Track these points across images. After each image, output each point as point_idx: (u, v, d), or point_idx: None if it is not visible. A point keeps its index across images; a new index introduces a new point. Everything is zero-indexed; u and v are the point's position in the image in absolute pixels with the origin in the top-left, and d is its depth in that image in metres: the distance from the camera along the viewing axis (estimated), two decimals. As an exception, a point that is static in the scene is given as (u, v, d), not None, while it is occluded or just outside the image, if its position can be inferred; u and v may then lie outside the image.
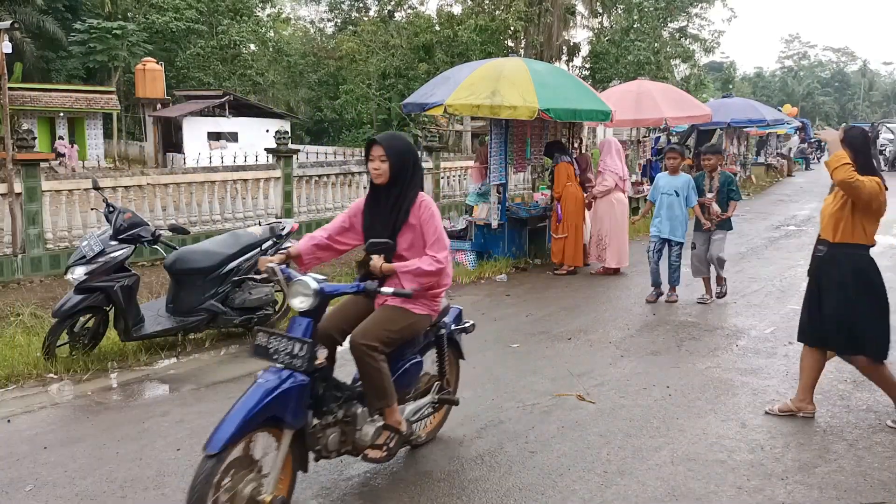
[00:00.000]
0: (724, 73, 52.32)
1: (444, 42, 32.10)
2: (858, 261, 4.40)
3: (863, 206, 4.25)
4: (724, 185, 7.49)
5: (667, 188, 7.63)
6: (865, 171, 4.20)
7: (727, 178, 7.56)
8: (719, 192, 7.48)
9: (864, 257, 4.42)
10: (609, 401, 4.99)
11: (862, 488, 3.80)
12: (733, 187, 7.55)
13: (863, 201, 4.22)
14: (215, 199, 11.75)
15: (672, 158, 7.69)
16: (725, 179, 7.54)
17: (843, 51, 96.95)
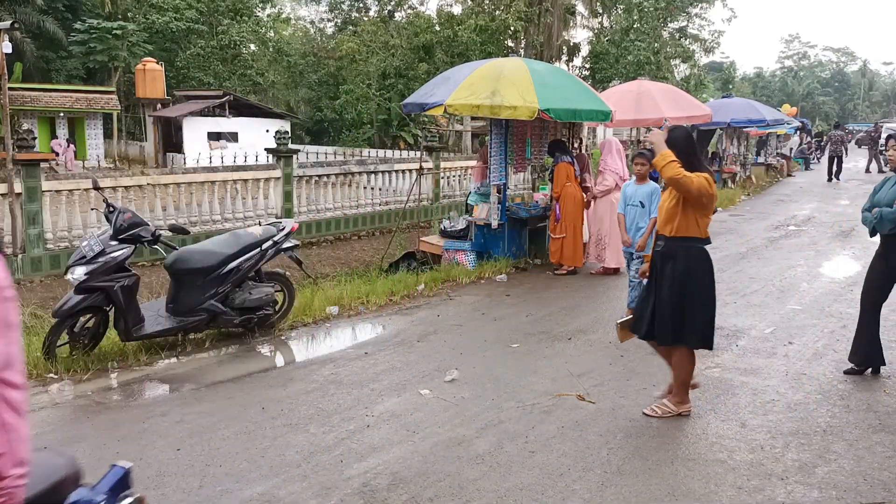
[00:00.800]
0: (724, 73, 52.30)
1: (444, 42, 32.09)
2: (694, 253, 4.57)
3: (694, 201, 4.43)
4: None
5: (633, 199, 7.02)
6: (691, 169, 4.40)
7: (652, 190, 6.73)
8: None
9: (699, 250, 4.59)
10: (609, 401, 5.00)
11: (862, 488, 3.80)
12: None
13: (693, 196, 4.40)
14: (215, 199, 11.75)
15: (640, 164, 6.92)
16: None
17: (843, 51, 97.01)
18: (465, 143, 31.30)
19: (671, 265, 4.55)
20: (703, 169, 4.46)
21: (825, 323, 6.98)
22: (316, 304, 7.33)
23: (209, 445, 4.28)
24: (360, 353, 6.10)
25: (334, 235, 13.21)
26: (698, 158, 4.51)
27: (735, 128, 19.88)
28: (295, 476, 3.91)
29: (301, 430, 4.51)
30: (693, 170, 4.40)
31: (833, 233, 12.80)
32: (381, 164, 14.94)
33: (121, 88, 33.79)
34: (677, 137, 4.52)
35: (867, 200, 5.50)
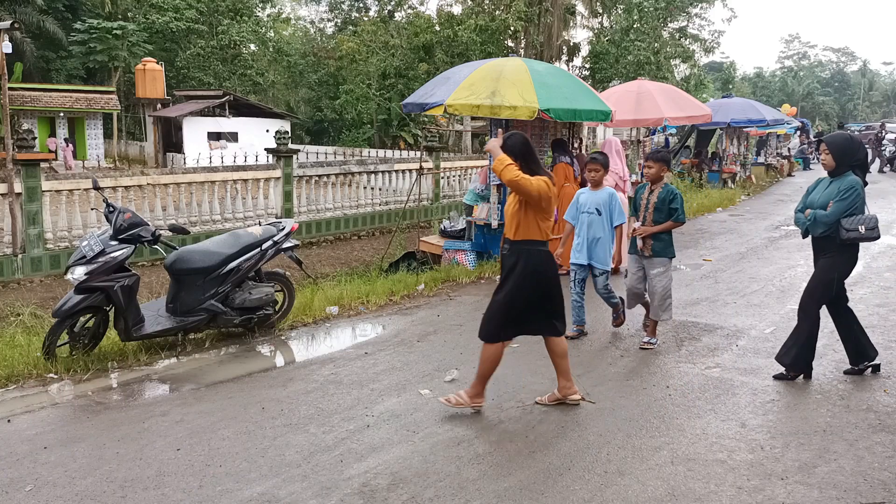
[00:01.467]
0: (724, 73, 52.32)
1: (444, 42, 32.10)
2: (536, 255, 4.61)
3: (535, 203, 4.50)
4: (664, 203, 6.01)
5: (587, 206, 6.44)
6: (530, 173, 4.49)
7: (669, 194, 6.01)
8: (657, 210, 6.03)
9: (541, 252, 4.64)
10: (609, 401, 5.00)
11: (862, 488, 3.80)
12: (676, 206, 5.98)
13: (534, 199, 4.47)
14: (215, 199, 11.75)
15: (594, 171, 6.45)
16: (667, 196, 6.01)
17: (843, 51, 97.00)
18: (465, 143, 31.32)
19: (518, 267, 4.59)
20: (541, 172, 4.52)
21: (825, 323, 6.94)
22: (316, 304, 7.33)
23: (209, 445, 4.28)
24: (360, 353, 6.10)
25: (334, 235, 13.21)
26: (536, 162, 4.57)
27: (735, 128, 19.88)
28: (295, 476, 3.91)
29: (301, 430, 4.51)
30: (532, 174, 4.47)
31: (833, 233, 12.78)
32: (381, 164, 14.95)
33: (121, 88, 33.80)
34: (514, 143, 4.56)
35: (800, 201, 5.45)
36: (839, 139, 5.28)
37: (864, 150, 5.36)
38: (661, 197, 5.99)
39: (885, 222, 14.08)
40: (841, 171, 5.16)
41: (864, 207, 5.14)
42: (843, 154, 5.14)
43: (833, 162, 5.17)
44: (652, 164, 6.04)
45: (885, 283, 8.76)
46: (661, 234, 6.02)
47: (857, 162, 5.19)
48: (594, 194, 6.48)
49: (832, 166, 5.20)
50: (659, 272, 6.05)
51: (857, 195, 5.07)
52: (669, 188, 6.04)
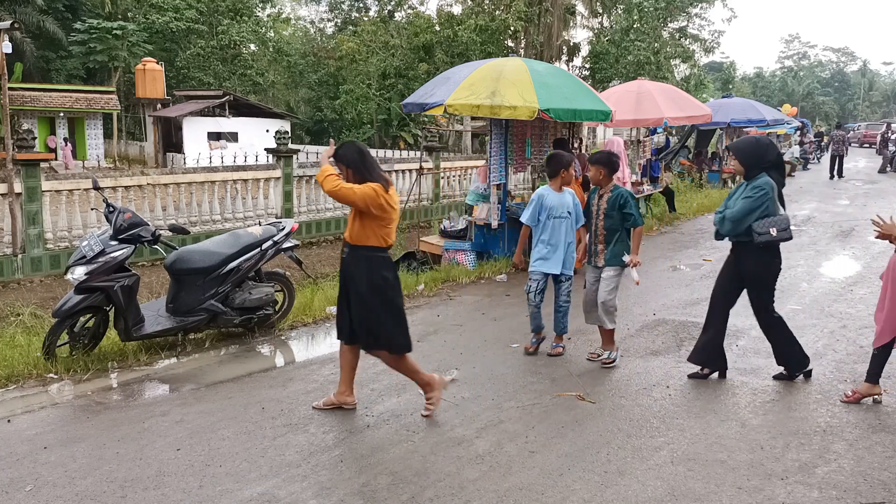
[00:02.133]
0: (724, 73, 52.36)
1: (444, 42, 32.11)
2: (374, 262, 4.57)
3: (364, 211, 4.44)
4: (614, 208, 5.59)
5: (558, 209, 5.88)
6: (362, 180, 4.44)
7: (619, 198, 5.58)
8: (607, 216, 5.61)
9: (378, 258, 4.58)
10: (609, 401, 5.00)
11: (862, 488, 3.80)
12: (629, 210, 5.56)
13: (359, 206, 4.42)
14: (215, 199, 11.75)
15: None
16: (616, 199, 5.58)
17: (843, 51, 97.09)
18: (465, 143, 31.32)
19: (357, 273, 4.55)
20: (374, 179, 4.44)
21: (825, 323, 6.98)
22: (316, 304, 7.33)
23: (209, 445, 4.28)
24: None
25: (334, 235, 13.21)
26: (369, 170, 4.49)
27: (735, 128, 19.87)
28: (295, 476, 3.91)
29: (301, 430, 4.51)
30: (363, 181, 4.42)
31: (833, 233, 12.80)
32: (381, 164, 14.92)
33: (121, 88, 33.81)
34: (346, 152, 4.51)
35: (722, 204, 5.41)
36: (744, 143, 5.29)
37: (775, 152, 5.27)
38: (611, 202, 5.60)
39: (885, 222, 14.07)
40: (753, 173, 5.13)
41: (775, 208, 5.10)
42: (749, 157, 5.14)
43: (741, 166, 5.20)
44: (590, 168, 5.70)
45: (885, 283, 8.75)
46: (615, 243, 5.61)
47: (767, 164, 5.14)
48: (561, 196, 5.95)
49: (741, 170, 5.22)
50: (607, 278, 5.69)
51: (763, 194, 5.03)
52: (619, 191, 5.61)
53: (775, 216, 5.08)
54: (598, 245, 5.73)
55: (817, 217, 14.94)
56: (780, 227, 5.05)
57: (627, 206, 5.56)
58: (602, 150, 5.53)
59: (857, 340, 6.41)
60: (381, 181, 4.48)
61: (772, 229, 5.02)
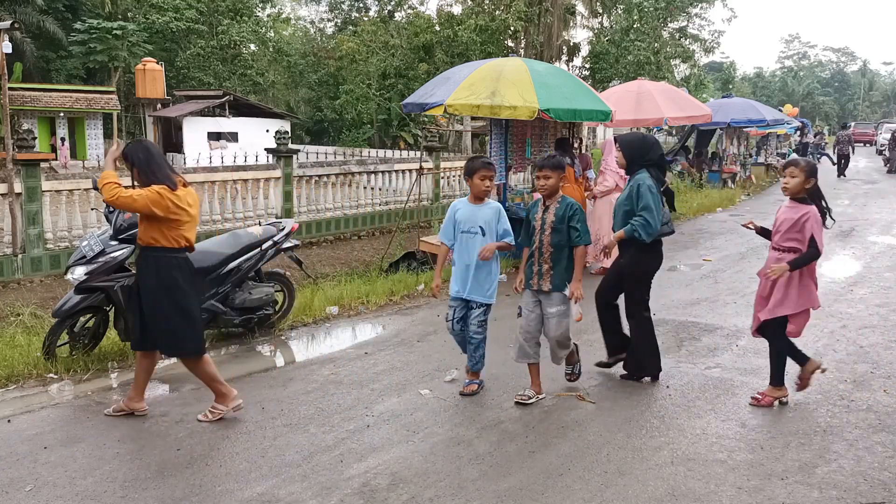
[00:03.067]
0: (724, 73, 52.39)
1: (444, 42, 32.12)
2: (163, 262, 4.47)
3: (149, 215, 4.32)
4: (564, 222, 4.78)
5: (467, 223, 5.04)
6: (147, 182, 4.31)
7: (569, 210, 4.80)
8: (554, 231, 4.79)
9: (169, 259, 4.48)
10: (609, 401, 5.00)
11: (862, 488, 3.80)
12: (577, 224, 4.77)
13: (144, 211, 4.30)
14: (215, 199, 11.75)
15: (484, 178, 5.02)
16: (566, 212, 4.79)
17: (843, 51, 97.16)
18: (465, 143, 31.32)
19: (147, 274, 4.47)
20: (160, 181, 4.31)
21: (825, 323, 6.98)
22: (316, 304, 7.33)
23: (209, 445, 4.28)
24: (360, 353, 6.10)
25: (334, 235, 13.21)
26: (154, 171, 4.33)
27: (735, 128, 19.87)
28: (295, 476, 3.91)
29: (301, 430, 4.51)
30: (148, 183, 4.29)
31: (833, 233, 12.79)
32: (381, 164, 14.95)
33: (121, 88, 33.83)
34: (132, 151, 4.36)
35: (620, 211, 5.33)
36: (630, 138, 5.24)
37: (658, 149, 5.24)
38: (560, 214, 4.77)
39: (886, 222, 14.09)
40: (633, 169, 5.13)
41: (656, 201, 5.07)
42: (634, 152, 5.13)
43: (624, 160, 5.19)
44: (549, 174, 4.83)
45: (885, 283, 8.76)
46: (563, 264, 4.81)
47: (648, 161, 5.12)
48: (476, 209, 5.05)
49: (624, 165, 5.23)
50: (558, 311, 4.84)
51: (649, 186, 5.02)
52: (568, 202, 4.83)
53: None
54: (542, 265, 4.82)
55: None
56: (664, 220, 5.11)
57: (576, 219, 4.77)
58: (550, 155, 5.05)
59: (857, 340, 6.41)
60: (167, 182, 4.33)
61: None
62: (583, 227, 4.78)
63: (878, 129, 33.62)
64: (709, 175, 20.20)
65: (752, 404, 4.91)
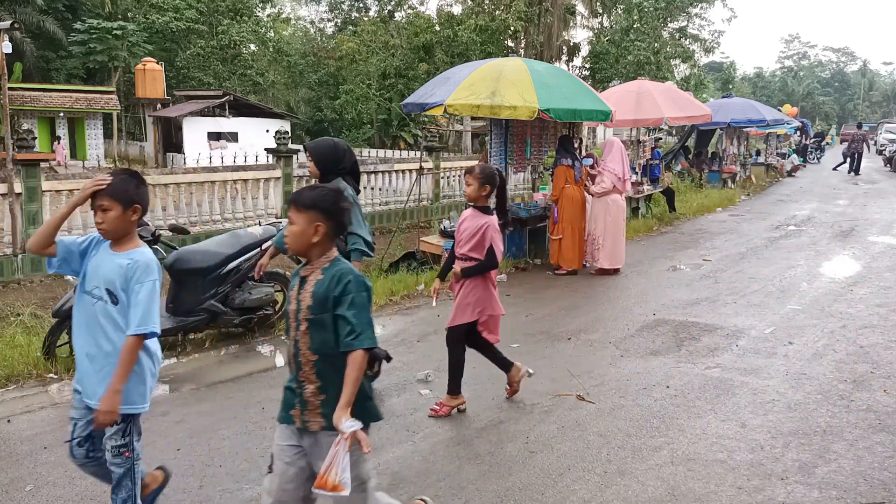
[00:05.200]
0: (724, 73, 52.36)
1: (444, 42, 32.11)
2: None
3: None
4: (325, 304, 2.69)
5: (93, 282, 3.12)
6: None
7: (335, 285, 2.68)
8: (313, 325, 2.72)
9: None
10: (609, 401, 5.00)
11: (862, 488, 3.80)
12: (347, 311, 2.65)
13: None
14: (215, 199, 11.76)
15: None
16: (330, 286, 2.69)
17: (843, 51, 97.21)
18: (465, 143, 31.33)
19: None
20: None
21: (825, 323, 6.98)
22: (316, 304, 7.31)
23: (209, 445, 4.28)
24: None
25: (334, 235, 13.20)
26: None
27: (735, 128, 19.88)
28: (295, 476, 3.90)
29: (301, 430, 4.50)
30: None
31: (833, 233, 12.80)
32: (381, 164, 14.95)
33: (121, 88, 33.81)
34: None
35: None
36: (321, 145, 4.87)
37: (351, 156, 4.89)
38: (319, 294, 2.67)
39: (886, 222, 14.09)
40: (327, 178, 4.75)
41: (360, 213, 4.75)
42: (326, 160, 4.77)
43: (316, 168, 4.81)
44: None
45: (885, 283, 8.76)
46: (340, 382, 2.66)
47: (342, 169, 4.80)
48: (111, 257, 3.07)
49: (316, 174, 4.83)
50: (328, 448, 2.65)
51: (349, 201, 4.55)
52: (336, 270, 2.71)
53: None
54: (304, 386, 2.85)
55: (817, 217, 14.95)
56: None
57: (349, 301, 2.64)
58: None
59: (857, 340, 6.41)
60: None
61: None
62: (360, 317, 2.63)
63: (879, 129, 34.00)
64: (709, 175, 20.21)
65: (431, 416, 4.71)
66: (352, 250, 4.58)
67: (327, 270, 2.71)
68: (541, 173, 11.60)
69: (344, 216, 2.76)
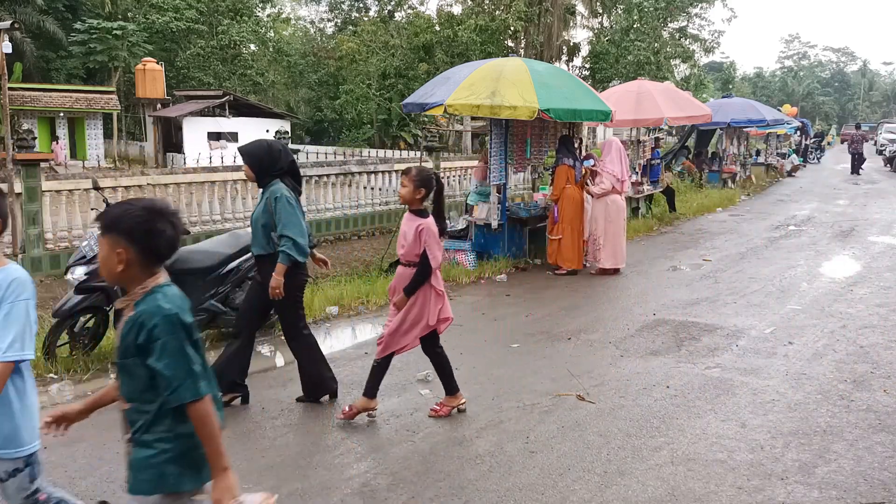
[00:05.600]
0: (724, 73, 52.35)
1: (444, 42, 32.09)
2: None
3: None
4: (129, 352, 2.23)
5: None
6: None
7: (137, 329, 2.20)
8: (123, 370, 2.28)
9: None
10: (609, 401, 4.99)
11: (862, 488, 3.80)
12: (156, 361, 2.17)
13: None
14: (215, 199, 11.76)
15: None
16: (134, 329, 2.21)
17: (843, 51, 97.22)
18: (465, 143, 31.30)
19: None
20: None
21: (825, 323, 6.98)
22: (316, 304, 7.33)
23: (209, 445, 4.27)
24: (360, 353, 6.10)
25: (334, 235, 13.21)
26: None
27: (735, 128, 19.88)
28: (295, 476, 3.91)
29: (301, 430, 4.51)
30: None
31: (833, 233, 12.80)
32: (381, 164, 14.95)
33: (121, 88, 33.80)
34: None
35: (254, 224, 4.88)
36: (254, 148, 4.75)
37: (288, 156, 4.77)
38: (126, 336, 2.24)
39: (886, 222, 14.09)
40: (265, 180, 4.67)
41: (296, 214, 4.61)
42: (261, 163, 4.67)
43: (251, 172, 4.72)
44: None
45: (885, 283, 8.76)
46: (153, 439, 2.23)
47: (280, 170, 4.68)
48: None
49: (252, 177, 4.77)
50: None
51: (285, 203, 4.56)
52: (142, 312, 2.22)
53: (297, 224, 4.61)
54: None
55: (817, 217, 14.95)
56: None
57: (156, 347, 2.20)
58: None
59: (857, 340, 6.41)
60: None
61: None
62: (175, 366, 2.19)
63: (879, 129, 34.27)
64: (709, 175, 20.22)
65: (431, 416, 4.67)
66: (279, 252, 4.54)
67: (138, 306, 2.24)
68: (541, 173, 11.60)
69: (157, 239, 2.23)
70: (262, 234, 4.71)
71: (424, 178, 4.52)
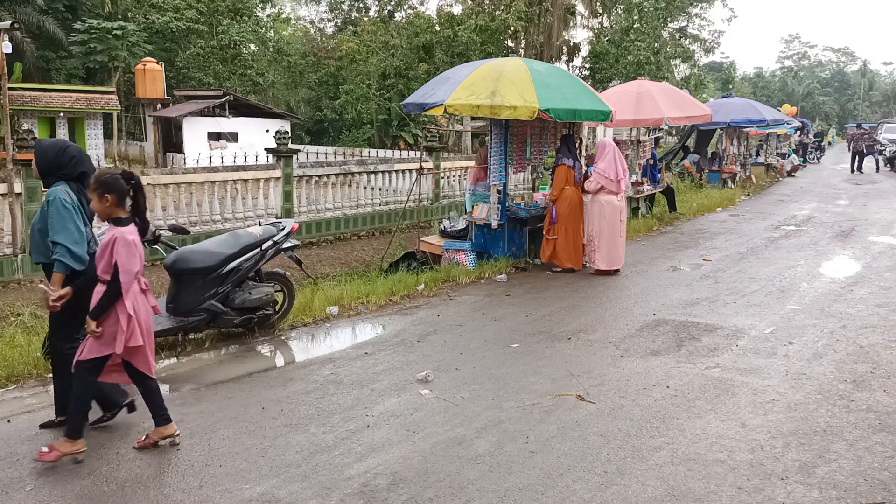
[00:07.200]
0: (724, 73, 52.34)
1: (444, 42, 32.10)
2: None
3: None
4: None
5: None
6: None
7: None
8: None
9: None
10: (609, 401, 4.99)
11: (862, 488, 3.80)
12: None
13: None
14: (215, 199, 11.76)
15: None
16: None
17: (843, 51, 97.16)
18: (465, 143, 31.28)
19: None
20: None
21: (825, 323, 6.98)
22: (316, 304, 7.33)
23: (209, 445, 4.28)
24: (360, 353, 6.10)
25: (334, 235, 13.22)
26: None
27: (735, 128, 19.88)
28: (295, 476, 3.91)
29: (301, 430, 4.51)
30: None
31: (833, 233, 12.80)
32: (381, 164, 14.96)
33: (121, 88, 33.78)
34: None
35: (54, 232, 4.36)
36: (47, 145, 4.44)
37: (80, 166, 4.42)
38: None
39: (886, 222, 14.09)
40: (49, 181, 4.37)
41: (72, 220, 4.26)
42: (47, 162, 4.35)
43: (37, 171, 4.43)
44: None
45: (885, 283, 8.76)
46: None
47: (65, 175, 4.35)
48: None
49: (38, 176, 4.47)
50: None
51: (59, 207, 4.21)
52: None
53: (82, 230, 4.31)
54: None
55: (817, 217, 14.95)
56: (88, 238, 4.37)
57: None
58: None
59: (857, 340, 6.42)
60: None
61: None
62: None
63: (879, 129, 34.43)
64: (709, 175, 20.22)
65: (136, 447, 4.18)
66: (53, 261, 4.18)
67: None
68: (541, 173, 11.61)
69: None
70: (39, 239, 4.39)
71: (103, 182, 4.03)
